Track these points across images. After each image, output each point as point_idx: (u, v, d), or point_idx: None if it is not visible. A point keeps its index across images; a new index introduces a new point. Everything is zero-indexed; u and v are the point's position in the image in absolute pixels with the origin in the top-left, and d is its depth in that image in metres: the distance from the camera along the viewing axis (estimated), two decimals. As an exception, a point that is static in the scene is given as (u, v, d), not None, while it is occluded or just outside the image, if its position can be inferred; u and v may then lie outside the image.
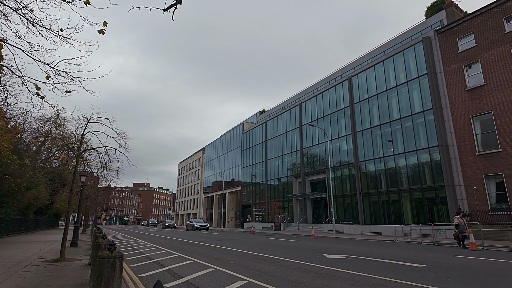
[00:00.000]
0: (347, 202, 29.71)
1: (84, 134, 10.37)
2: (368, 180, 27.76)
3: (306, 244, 14.02)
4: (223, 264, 7.93)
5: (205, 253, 10.75)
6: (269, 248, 12.36)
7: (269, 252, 10.60)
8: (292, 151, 38.38)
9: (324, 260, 8.33)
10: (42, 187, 25.59)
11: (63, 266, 8.29)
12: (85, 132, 10.44)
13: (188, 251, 11.52)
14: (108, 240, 6.21)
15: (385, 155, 26.50)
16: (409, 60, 25.96)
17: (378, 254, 9.99)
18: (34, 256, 10.62)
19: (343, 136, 31.01)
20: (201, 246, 13.66)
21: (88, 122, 10.47)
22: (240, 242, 15.84)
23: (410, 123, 24.99)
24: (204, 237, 21.02)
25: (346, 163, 30.24)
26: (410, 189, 24.12)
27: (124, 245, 15.59)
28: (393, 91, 26.81)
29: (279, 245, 13.88)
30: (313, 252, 10.53)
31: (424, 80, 24.38)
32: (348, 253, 10.01)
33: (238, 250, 11.76)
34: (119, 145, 10.65)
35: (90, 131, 10.55)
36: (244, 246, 13.26)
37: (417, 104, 24.82)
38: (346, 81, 31.75)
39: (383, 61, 28.08)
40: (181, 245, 14.43)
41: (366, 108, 29.08)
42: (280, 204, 39.45)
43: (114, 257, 3.59)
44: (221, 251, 11.54)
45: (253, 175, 46.74)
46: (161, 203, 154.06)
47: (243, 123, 54.08)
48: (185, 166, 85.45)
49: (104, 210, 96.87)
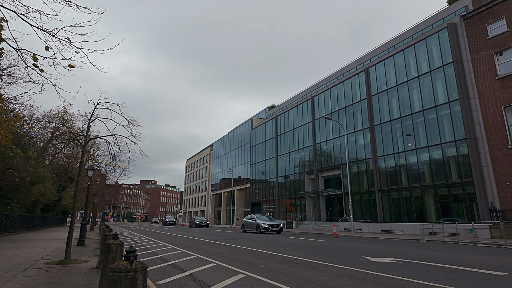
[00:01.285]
0: (364, 199, 28.37)
1: (91, 121, 9.28)
2: (387, 176, 26.37)
3: (335, 245, 12.80)
4: (253, 269, 6.77)
5: (226, 254, 9.61)
6: (295, 248, 11.17)
7: (299, 254, 9.40)
8: (304, 147, 37.08)
9: (372, 265, 7.12)
10: (49, 183, 24.78)
11: (67, 269, 7.21)
12: (92, 118, 9.35)
13: (206, 252, 10.40)
14: (121, 242, 5.08)
15: (406, 149, 25.08)
16: (432, 48, 24.44)
17: (430, 257, 8.72)
18: (37, 256, 9.60)
19: (360, 130, 29.60)
20: (218, 246, 12.54)
21: (95, 107, 9.38)
22: (258, 241, 14.68)
23: (433, 115, 23.52)
24: (218, 235, 19.94)
25: (363, 158, 28.86)
26: (434, 185, 22.69)
27: (136, 244, 14.56)
28: (414, 82, 25.33)
29: (304, 245, 12.68)
30: (350, 254, 9.32)
31: (449, 69, 22.86)
32: (393, 256, 8.78)
33: (261, 250, 10.59)
34: (130, 134, 9.55)
35: (97, 118, 9.46)
36: (265, 246, 12.10)
37: (441, 94, 23.33)
38: (362, 72, 30.29)
39: (403, 50, 26.57)
40: (195, 244, 13.34)
41: (385, 100, 27.64)
42: (292, 201, 38.24)
43: (135, 271, 2.43)
44: (243, 251, 10.39)
45: (263, 171, 45.58)
46: (168, 200, 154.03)
47: (252, 119, 52.88)
48: (192, 163, 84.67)
49: (112, 207, 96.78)
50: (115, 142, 9.51)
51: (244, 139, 54.92)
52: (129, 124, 9.55)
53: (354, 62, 36.32)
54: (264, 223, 24.58)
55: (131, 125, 9.54)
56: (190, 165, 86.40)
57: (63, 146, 22.82)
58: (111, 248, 4.90)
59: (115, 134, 9.30)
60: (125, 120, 9.59)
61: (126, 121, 9.54)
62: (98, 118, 9.47)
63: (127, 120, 9.52)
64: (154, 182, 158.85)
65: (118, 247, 4.96)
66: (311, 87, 43.44)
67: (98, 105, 9.40)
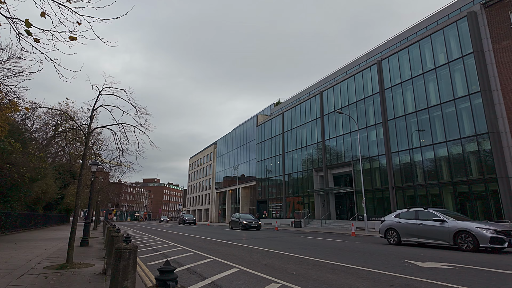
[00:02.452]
0: (377, 197, 27.33)
1: (95, 108, 8.32)
2: (402, 172, 25.30)
3: (361, 246, 11.80)
4: (285, 277, 5.79)
5: (245, 257, 8.64)
6: (319, 250, 10.18)
7: (328, 257, 8.41)
8: (313, 143, 36.03)
9: (426, 272, 6.13)
10: (51, 180, 23.93)
11: (69, 276, 6.27)
12: (96, 106, 8.38)
13: (221, 254, 9.43)
14: (134, 246, 4.11)
15: (422, 145, 24.00)
16: (450, 38, 23.31)
17: (483, 261, 7.71)
18: (36, 259, 8.68)
19: (372, 125, 28.52)
20: (234, 247, 11.57)
21: (99, 93, 8.41)
22: (274, 241, 13.70)
23: (451, 109, 22.43)
24: (230, 235, 18.99)
25: (375, 154, 27.80)
26: (453, 182, 21.62)
27: (141, 243, 13.64)
28: (430, 74, 24.22)
29: (327, 246, 11.69)
30: (390, 258, 8.33)
31: (469, 60, 21.74)
32: (439, 260, 7.76)
33: (284, 252, 9.60)
34: (138, 123, 8.58)
35: (102, 105, 8.49)
36: (285, 247, 11.12)
37: (460, 87, 22.22)
38: (374, 65, 29.18)
39: (418, 41, 25.44)
40: (207, 245, 12.39)
41: (399, 94, 26.54)
42: (300, 200, 37.25)
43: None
44: (263, 253, 9.41)
45: (269, 169, 44.60)
46: (171, 198, 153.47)
47: (257, 116, 51.87)
48: (196, 161, 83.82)
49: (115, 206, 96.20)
50: (121, 133, 8.56)
51: (249, 137, 53.93)
52: (137, 112, 8.59)
53: (364, 55, 35.18)
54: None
55: (140, 113, 8.58)
56: (194, 163, 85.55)
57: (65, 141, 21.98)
58: (123, 255, 3.93)
59: (122, 123, 8.34)
60: (132, 108, 8.64)
61: (134, 109, 8.59)
62: (103, 106, 8.51)
63: (135, 107, 8.56)
64: (157, 181, 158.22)
65: (131, 253, 3.99)
66: (318, 82, 42.33)
67: (103, 91, 8.44)
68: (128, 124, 8.30)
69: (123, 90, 8.39)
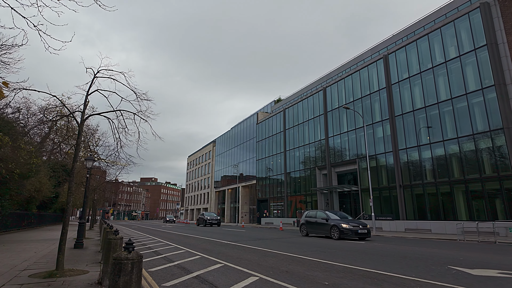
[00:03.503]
0: (384, 196, 26.46)
1: (90, 93, 7.31)
2: (410, 170, 24.45)
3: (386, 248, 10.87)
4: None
5: (260, 262, 7.67)
6: (341, 254, 9.22)
7: (354, 262, 7.44)
8: (316, 141, 35.12)
9: (485, 281, 5.21)
10: (45, 178, 22.83)
11: (57, 287, 5.27)
12: (91, 91, 7.37)
13: (233, 258, 8.45)
14: (138, 255, 3.13)
15: (431, 141, 23.15)
16: (461, 31, 22.45)
17: None
18: (22, 264, 7.67)
19: (378, 121, 27.64)
20: (244, 249, 10.59)
21: (95, 76, 7.40)
22: (285, 243, 12.73)
23: (463, 104, 21.58)
24: (236, 235, 17.99)
25: (382, 152, 26.92)
26: (465, 179, 20.78)
27: (144, 247, 12.63)
28: (440, 68, 23.36)
29: (345, 248, 10.76)
30: (429, 263, 7.39)
31: (482, 53, 20.89)
32: (489, 266, 6.84)
33: (302, 256, 8.63)
34: (138, 110, 7.59)
35: (97, 90, 7.49)
36: (300, 250, 10.15)
37: (472, 81, 21.37)
38: (381, 60, 28.29)
39: (427, 34, 24.56)
40: (214, 247, 11.40)
41: (407, 89, 25.67)
42: (302, 198, 36.34)
43: None
44: (279, 257, 8.44)
45: (270, 167, 43.65)
46: (169, 198, 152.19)
47: (258, 113, 50.88)
48: (194, 159, 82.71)
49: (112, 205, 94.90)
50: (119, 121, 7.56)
51: (249, 134, 52.94)
52: (137, 98, 7.60)
53: (368, 50, 34.29)
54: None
55: (140, 99, 7.58)
56: (192, 162, 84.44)
57: (61, 138, 20.95)
58: (124, 268, 2.95)
59: (121, 110, 7.34)
60: (132, 94, 7.64)
61: (133, 94, 7.61)
62: (98, 90, 7.51)
63: (135, 92, 7.57)
64: (154, 180, 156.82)
65: (135, 265, 3.01)
66: (320, 79, 41.40)
67: (98, 74, 7.43)
68: (127, 111, 7.31)
69: (121, 73, 7.40)
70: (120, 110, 7.27)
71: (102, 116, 7.72)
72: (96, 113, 7.21)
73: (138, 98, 7.58)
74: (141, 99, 7.52)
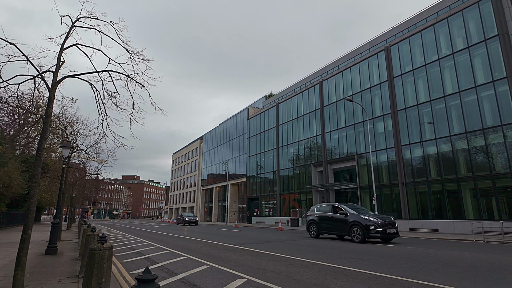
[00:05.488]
0: (384, 194, 25.29)
1: (65, 47, 5.35)
2: (414, 167, 23.35)
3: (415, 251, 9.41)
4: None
5: (297, 277, 5.98)
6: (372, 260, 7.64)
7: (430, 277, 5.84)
8: (311, 136, 33.69)
9: None
10: (15, 172, 20.22)
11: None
12: (67, 45, 5.41)
13: (252, 268, 6.68)
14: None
15: (437, 136, 22.08)
16: (469, 21, 21.46)
17: None
18: (-31, 281, 5.62)
19: (379, 116, 26.44)
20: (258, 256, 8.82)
21: (73, 25, 5.45)
22: (301, 247, 10.95)
23: (471, 97, 20.59)
24: (235, 237, 16.11)
25: (383, 148, 25.74)
26: (473, 176, 19.77)
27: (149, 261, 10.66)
28: (447, 60, 22.32)
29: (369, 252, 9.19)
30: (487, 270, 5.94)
31: (493, 44, 19.92)
32: None
33: (342, 267, 6.96)
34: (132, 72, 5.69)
35: (76, 44, 5.54)
36: (330, 257, 8.44)
37: (481, 73, 20.41)
38: (382, 52, 27.09)
39: (433, 25, 23.49)
40: (220, 252, 9.56)
41: (410, 82, 24.55)
42: (296, 197, 34.87)
43: None
44: (312, 268, 6.74)
45: (261, 164, 41.96)
46: (152, 196, 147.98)
47: (248, 108, 49.07)
48: (180, 157, 79.96)
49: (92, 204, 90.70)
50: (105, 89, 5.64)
51: (238, 131, 51.05)
52: (130, 59, 5.69)
53: (367, 43, 33.14)
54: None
55: (134, 59, 5.69)
56: (178, 159, 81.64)
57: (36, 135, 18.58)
58: None
59: (108, 70, 5.41)
60: (123, 54, 5.74)
61: (125, 54, 5.72)
62: (77, 45, 5.56)
63: (127, 50, 5.67)
64: (137, 178, 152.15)
65: None
66: (315, 72, 40.06)
67: (78, 23, 5.49)
68: (118, 72, 5.39)
69: (109, 23, 5.47)
70: (108, 71, 5.34)
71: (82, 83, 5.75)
72: (74, 74, 5.25)
73: (132, 58, 5.68)
74: (137, 59, 5.62)
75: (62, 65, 5.42)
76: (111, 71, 5.31)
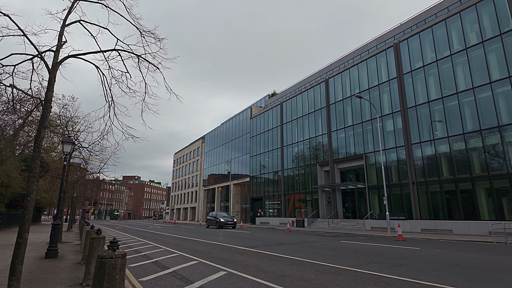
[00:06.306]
0: (394, 194, 24.59)
1: (68, 23, 4.67)
2: (425, 166, 22.64)
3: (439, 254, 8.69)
4: None
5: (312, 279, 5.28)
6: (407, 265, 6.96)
7: (436, 279, 5.24)
8: (317, 135, 33.00)
9: None
10: (15, 171, 19.58)
11: None
12: (70, 20, 4.73)
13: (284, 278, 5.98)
14: None
15: (449, 134, 21.38)
16: (483, 15, 20.78)
17: None
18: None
19: (388, 114, 25.75)
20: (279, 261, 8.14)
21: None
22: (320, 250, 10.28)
23: (486, 94, 19.89)
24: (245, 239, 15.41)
25: (392, 146, 25.04)
26: (489, 176, 19.07)
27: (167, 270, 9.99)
28: (459, 56, 21.64)
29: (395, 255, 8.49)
30: None
31: (509, 38, 19.23)
32: None
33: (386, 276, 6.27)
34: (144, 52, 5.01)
35: (80, 21, 4.86)
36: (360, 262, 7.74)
37: (495, 69, 19.72)
38: (391, 48, 26.40)
39: (444, 19, 22.81)
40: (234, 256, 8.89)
41: (421, 79, 23.86)
42: (301, 197, 34.15)
43: None
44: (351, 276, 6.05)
45: (264, 164, 41.26)
46: (153, 197, 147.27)
47: (251, 107, 48.36)
48: (181, 156, 79.27)
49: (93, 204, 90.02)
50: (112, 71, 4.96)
51: (241, 130, 50.34)
52: (141, 36, 5.00)
53: (373, 40, 32.46)
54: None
55: (146, 39, 5.00)
56: (179, 159, 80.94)
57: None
58: None
59: (119, 49, 4.73)
60: (134, 33, 5.05)
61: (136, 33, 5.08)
62: (81, 22, 4.87)
63: (138, 29, 4.98)
64: (137, 178, 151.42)
65: None
66: (320, 70, 39.37)
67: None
68: (128, 52, 4.71)
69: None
70: (117, 50, 4.66)
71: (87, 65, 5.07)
72: (78, 53, 4.58)
73: (143, 37, 5.00)
74: (149, 38, 4.94)
75: (63, 45, 4.74)
76: (121, 49, 4.64)
